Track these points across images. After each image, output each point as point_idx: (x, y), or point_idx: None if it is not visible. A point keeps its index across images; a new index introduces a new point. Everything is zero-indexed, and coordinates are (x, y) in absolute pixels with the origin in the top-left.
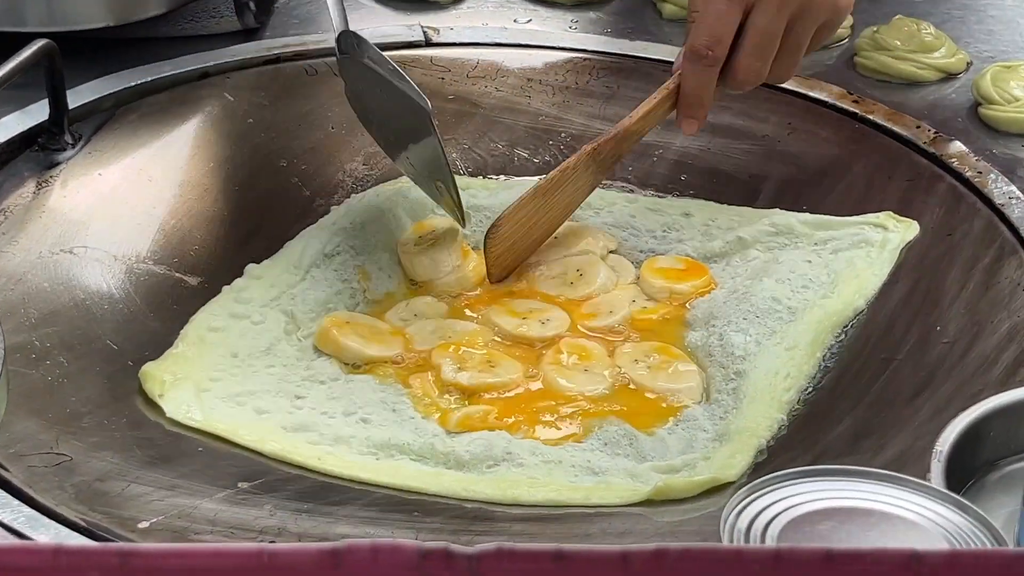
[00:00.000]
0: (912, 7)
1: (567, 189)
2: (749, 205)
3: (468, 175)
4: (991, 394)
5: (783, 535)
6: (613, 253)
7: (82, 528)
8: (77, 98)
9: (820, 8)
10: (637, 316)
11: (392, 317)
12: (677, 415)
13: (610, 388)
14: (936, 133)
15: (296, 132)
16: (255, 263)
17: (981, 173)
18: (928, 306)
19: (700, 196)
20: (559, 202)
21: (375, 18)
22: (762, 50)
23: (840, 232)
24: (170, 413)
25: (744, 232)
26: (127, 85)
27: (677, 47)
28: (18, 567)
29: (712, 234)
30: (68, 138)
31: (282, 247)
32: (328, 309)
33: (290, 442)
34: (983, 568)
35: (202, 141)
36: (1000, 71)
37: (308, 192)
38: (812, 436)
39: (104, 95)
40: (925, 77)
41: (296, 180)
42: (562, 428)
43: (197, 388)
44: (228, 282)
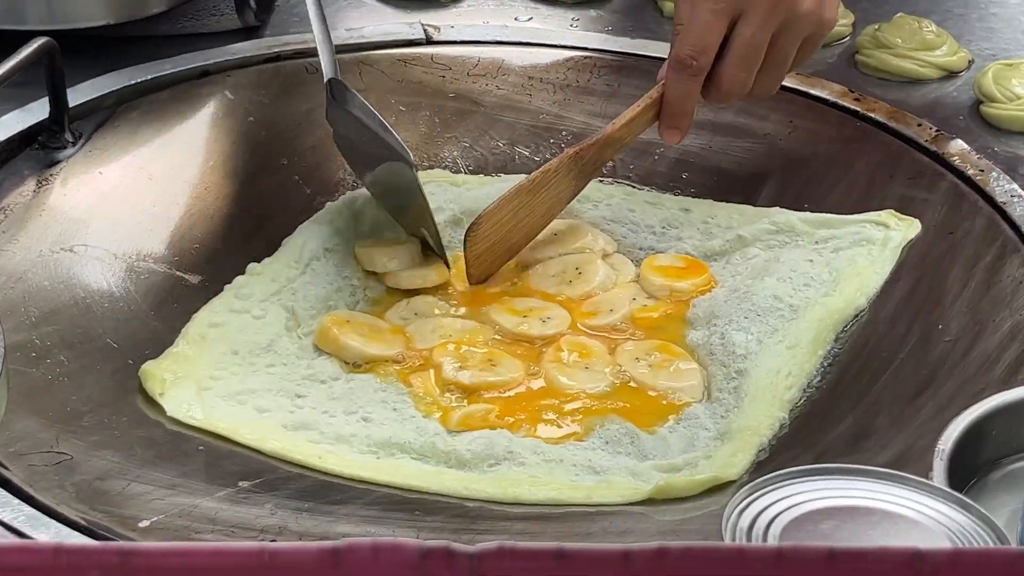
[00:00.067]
0: (913, 5)
1: (549, 192)
2: (750, 203)
3: (468, 173)
4: (993, 392)
5: (785, 534)
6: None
7: (82, 527)
8: (77, 96)
9: (805, 21)
10: (637, 314)
11: (392, 316)
12: (678, 413)
13: (611, 386)
14: (938, 131)
15: (297, 130)
16: (256, 262)
17: (983, 171)
18: (930, 304)
19: (701, 194)
20: (540, 204)
21: (376, 16)
22: (747, 61)
23: (841, 230)
24: (171, 412)
25: (744, 230)
26: (127, 83)
27: None
28: (18, 566)
29: (712, 232)
30: (68, 136)
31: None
32: (328, 307)
33: (291, 441)
34: (986, 567)
35: (203, 139)
36: (1002, 69)
37: (309, 190)
38: (814, 435)
39: (104, 93)
40: (926, 75)
41: (297, 178)
42: (563, 427)
43: (198, 387)
44: (229, 280)
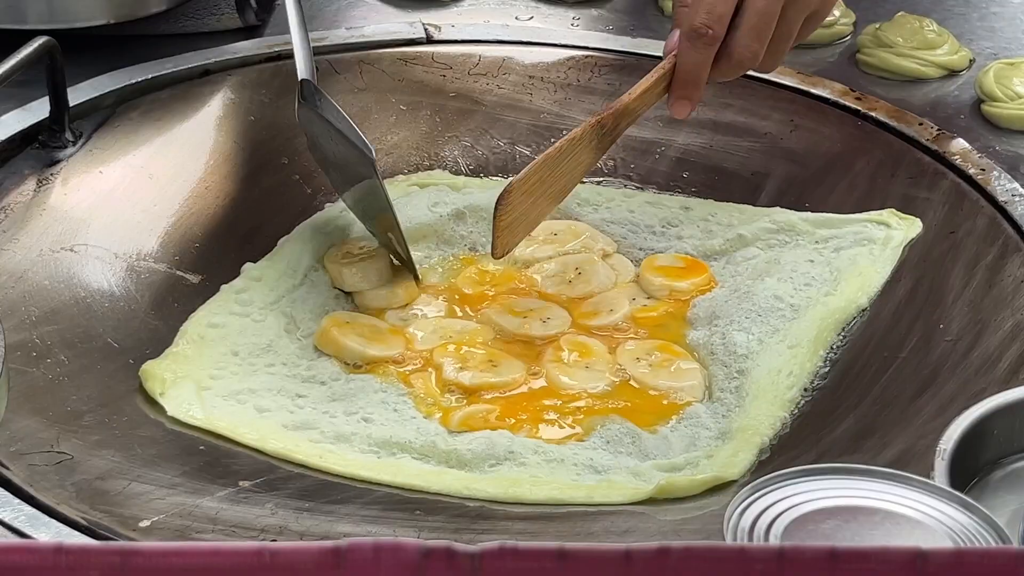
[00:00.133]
0: (915, 4)
1: (571, 162)
2: (751, 203)
3: (469, 173)
4: (994, 392)
5: (787, 534)
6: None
7: (83, 527)
8: (78, 95)
9: None
10: (637, 314)
11: (392, 317)
12: (679, 413)
13: (612, 386)
14: (939, 130)
15: (297, 130)
16: (253, 262)
17: (984, 170)
18: (931, 304)
19: (702, 194)
20: (562, 175)
21: (377, 15)
22: (759, 31)
23: (842, 230)
24: (171, 411)
25: (744, 229)
26: (128, 82)
27: None
28: (19, 566)
29: (712, 231)
30: (69, 136)
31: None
32: (327, 312)
33: (291, 440)
34: (988, 567)
35: (203, 139)
36: (1003, 68)
37: (310, 190)
38: (815, 434)
39: (105, 92)
40: (928, 74)
41: (297, 177)
42: (564, 427)
43: (198, 386)
44: (229, 280)
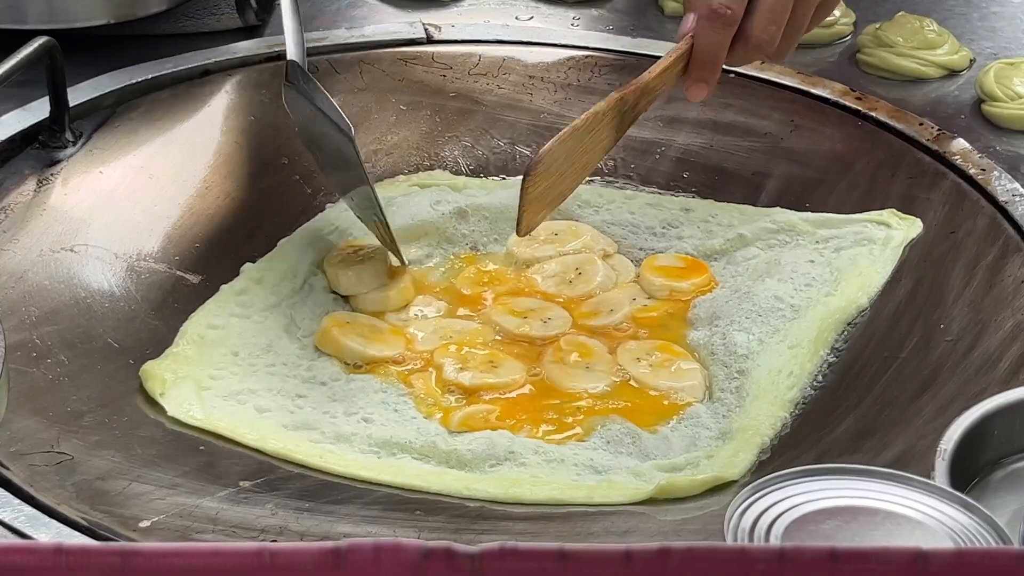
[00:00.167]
0: (915, 4)
1: (593, 138)
2: (751, 203)
3: (469, 173)
4: (995, 392)
5: (787, 534)
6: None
7: (83, 527)
8: (78, 96)
9: None
10: (638, 315)
11: (392, 317)
12: (680, 413)
13: (612, 386)
14: (939, 130)
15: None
16: (252, 263)
17: (984, 170)
18: (931, 304)
19: (702, 194)
20: (584, 152)
21: (377, 15)
22: (777, 15)
23: (843, 230)
24: (171, 412)
25: (745, 229)
26: (128, 83)
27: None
28: (19, 566)
29: (712, 231)
30: (69, 136)
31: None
32: (328, 312)
33: (291, 440)
34: (989, 567)
35: (203, 139)
36: (1003, 68)
37: (310, 190)
38: (815, 434)
39: (105, 93)
40: (928, 74)
41: (297, 178)
42: (564, 427)
43: (198, 386)
44: (229, 280)
